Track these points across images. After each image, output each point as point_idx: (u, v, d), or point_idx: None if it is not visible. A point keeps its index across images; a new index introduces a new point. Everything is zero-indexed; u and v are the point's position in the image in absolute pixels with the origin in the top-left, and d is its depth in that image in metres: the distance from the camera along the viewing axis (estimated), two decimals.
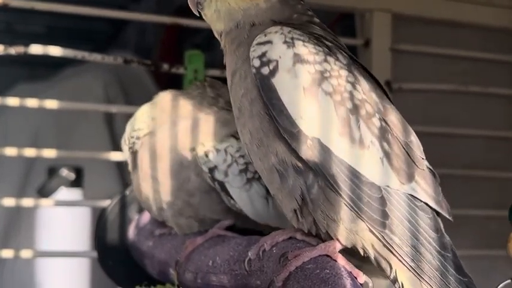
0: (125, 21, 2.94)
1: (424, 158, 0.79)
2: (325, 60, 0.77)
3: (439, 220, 0.78)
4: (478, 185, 1.85)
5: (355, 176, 0.73)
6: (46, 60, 2.00)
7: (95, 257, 1.38)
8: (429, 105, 1.83)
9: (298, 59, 0.76)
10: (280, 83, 0.75)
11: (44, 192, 2.10)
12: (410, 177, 0.75)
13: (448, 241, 0.76)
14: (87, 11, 1.58)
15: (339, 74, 0.76)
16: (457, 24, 1.85)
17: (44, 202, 1.69)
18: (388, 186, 0.74)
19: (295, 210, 0.79)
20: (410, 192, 0.75)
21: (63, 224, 2.12)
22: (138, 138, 1.12)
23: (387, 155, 0.75)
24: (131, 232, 1.32)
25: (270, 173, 0.79)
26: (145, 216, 1.30)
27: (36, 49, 1.45)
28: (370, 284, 0.74)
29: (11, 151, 1.46)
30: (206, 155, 1.05)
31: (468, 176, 1.84)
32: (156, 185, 1.10)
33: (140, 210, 1.32)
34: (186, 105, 1.11)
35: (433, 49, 1.83)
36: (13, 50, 1.44)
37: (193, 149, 1.07)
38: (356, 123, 0.74)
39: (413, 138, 0.78)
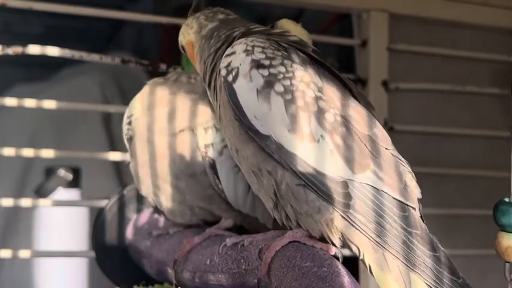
0: (122, 21, 2.94)
1: (391, 149, 0.82)
2: (282, 64, 0.83)
3: (404, 205, 0.79)
4: (476, 184, 1.85)
5: (309, 167, 0.78)
6: (44, 61, 2.00)
7: (93, 257, 1.38)
8: (426, 105, 1.83)
9: (254, 64, 0.83)
10: (239, 87, 0.82)
11: (41, 192, 2.10)
12: (364, 167, 0.78)
13: (418, 220, 0.79)
14: (85, 11, 1.57)
15: (294, 75, 0.82)
16: (454, 24, 1.85)
17: (42, 202, 1.69)
18: (340, 177, 0.78)
19: (272, 208, 0.84)
20: (365, 181, 0.78)
21: (60, 224, 2.12)
22: (130, 123, 1.14)
23: (338, 148, 0.78)
24: (129, 232, 1.32)
25: (249, 175, 0.85)
26: (143, 216, 1.30)
27: (33, 49, 1.44)
28: (340, 255, 0.78)
29: (8, 151, 1.45)
30: (205, 131, 1.07)
31: (466, 175, 1.84)
32: (149, 169, 1.11)
33: (138, 210, 1.33)
34: (180, 89, 1.13)
35: (430, 49, 1.83)
36: (11, 50, 1.43)
37: (184, 130, 1.08)
38: (307, 120, 0.79)
39: (378, 131, 0.82)
